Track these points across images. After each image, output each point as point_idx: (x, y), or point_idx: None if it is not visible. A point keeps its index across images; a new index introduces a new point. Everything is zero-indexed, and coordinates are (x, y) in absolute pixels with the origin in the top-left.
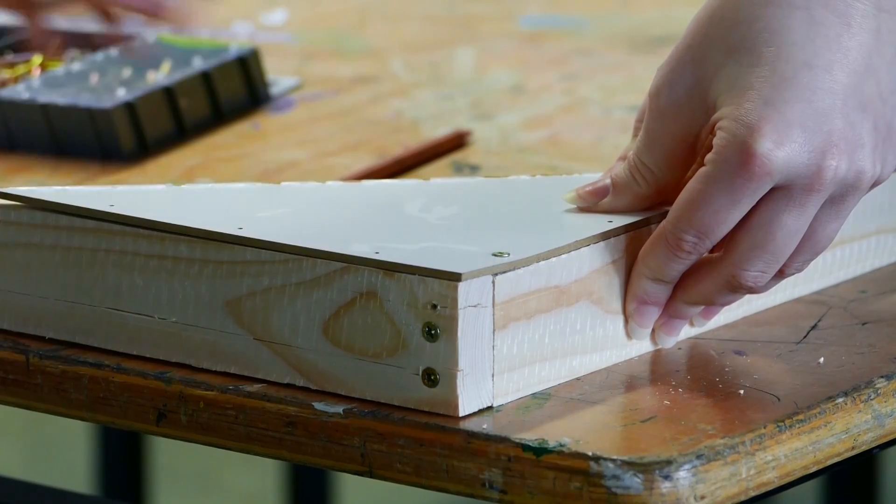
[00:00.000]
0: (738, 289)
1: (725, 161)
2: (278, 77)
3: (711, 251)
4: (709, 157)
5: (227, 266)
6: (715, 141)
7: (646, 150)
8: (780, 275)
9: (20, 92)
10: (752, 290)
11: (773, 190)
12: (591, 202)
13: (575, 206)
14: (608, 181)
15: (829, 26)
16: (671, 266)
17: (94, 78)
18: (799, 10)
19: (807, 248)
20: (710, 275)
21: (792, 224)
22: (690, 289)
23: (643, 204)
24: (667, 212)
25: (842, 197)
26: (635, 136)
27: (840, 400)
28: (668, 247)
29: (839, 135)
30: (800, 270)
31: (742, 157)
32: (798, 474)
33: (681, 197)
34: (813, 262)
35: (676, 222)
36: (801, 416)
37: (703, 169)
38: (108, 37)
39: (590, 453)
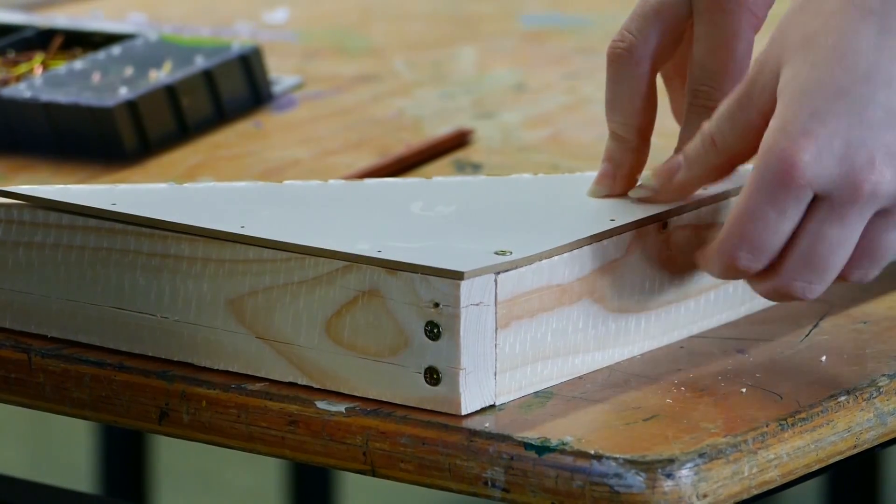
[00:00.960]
0: (786, 297)
1: (767, 169)
2: (280, 76)
3: None
4: (755, 161)
5: (230, 265)
6: (761, 144)
7: (727, 120)
8: (844, 280)
9: (22, 91)
10: (802, 299)
11: (815, 201)
12: (666, 179)
13: (651, 186)
14: (679, 157)
15: None
16: (729, 279)
17: (96, 76)
18: (873, 16)
19: (865, 258)
20: (763, 281)
21: (834, 236)
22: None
23: (716, 175)
24: (677, 208)
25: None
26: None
27: (842, 398)
28: (724, 264)
29: (886, 150)
30: (865, 279)
31: (781, 165)
32: (800, 473)
33: (731, 212)
34: None
35: (729, 237)
36: (803, 415)
37: (749, 180)
38: None
39: (592, 452)
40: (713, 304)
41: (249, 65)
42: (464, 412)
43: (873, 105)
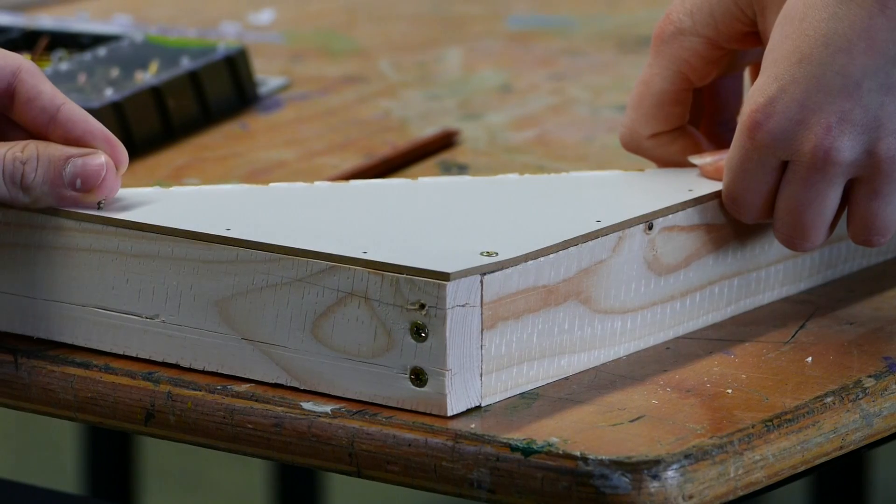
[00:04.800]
0: (788, 247)
1: (737, 131)
2: (266, 77)
3: None
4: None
5: (216, 266)
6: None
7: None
8: (863, 244)
9: None
10: (798, 251)
11: (786, 164)
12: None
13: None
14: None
15: (863, 6)
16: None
17: (81, 78)
18: None
19: (861, 225)
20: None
21: (803, 198)
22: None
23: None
24: (662, 209)
25: (871, 177)
26: None
27: (828, 399)
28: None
29: (841, 116)
30: (872, 245)
31: (743, 128)
32: (786, 474)
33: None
34: (800, 262)
35: (723, 186)
36: (789, 416)
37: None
38: None
39: (578, 453)
40: (699, 304)
41: (235, 66)
42: (450, 413)
43: (831, 71)
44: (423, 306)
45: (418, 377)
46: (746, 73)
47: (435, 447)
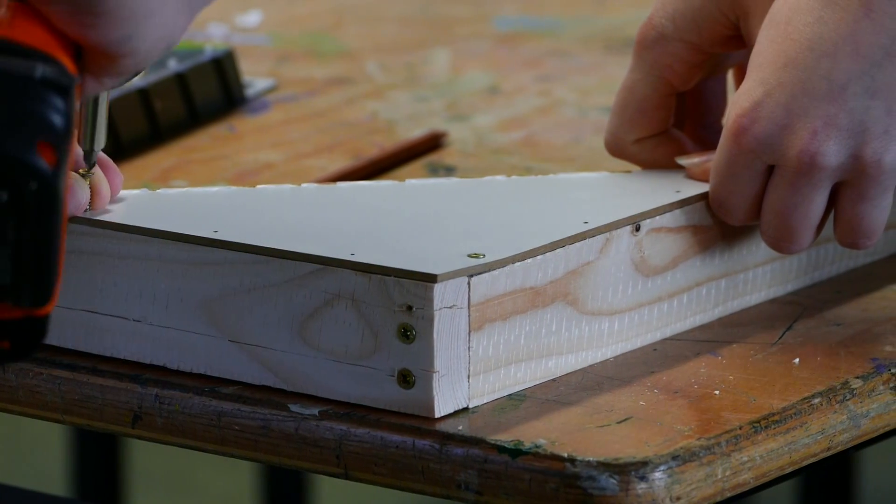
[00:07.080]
0: (776, 250)
1: (724, 134)
2: (253, 79)
3: None
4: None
5: (203, 268)
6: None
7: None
8: (850, 246)
9: None
10: (785, 254)
11: (772, 168)
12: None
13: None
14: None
15: (847, 10)
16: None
17: None
18: None
19: (848, 228)
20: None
21: (789, 202)
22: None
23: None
24: (650, 210)
25: (857, 180)
26: None
27: (815, 401)
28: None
29: (827, 120)
30: (859, 247)
31: (728, 132)
32: (774, 475)
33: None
34: (788, 263)
35: (709, 191)
36: (776, 417)
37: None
38: None
39: (565, 454)
40: (686, 306)
41: (222, 68)
42: (437, 415)
43: (816, 75)
44: (410, 308)
45: (406, 379)
46: (730, 76)
47: (422, 449)
